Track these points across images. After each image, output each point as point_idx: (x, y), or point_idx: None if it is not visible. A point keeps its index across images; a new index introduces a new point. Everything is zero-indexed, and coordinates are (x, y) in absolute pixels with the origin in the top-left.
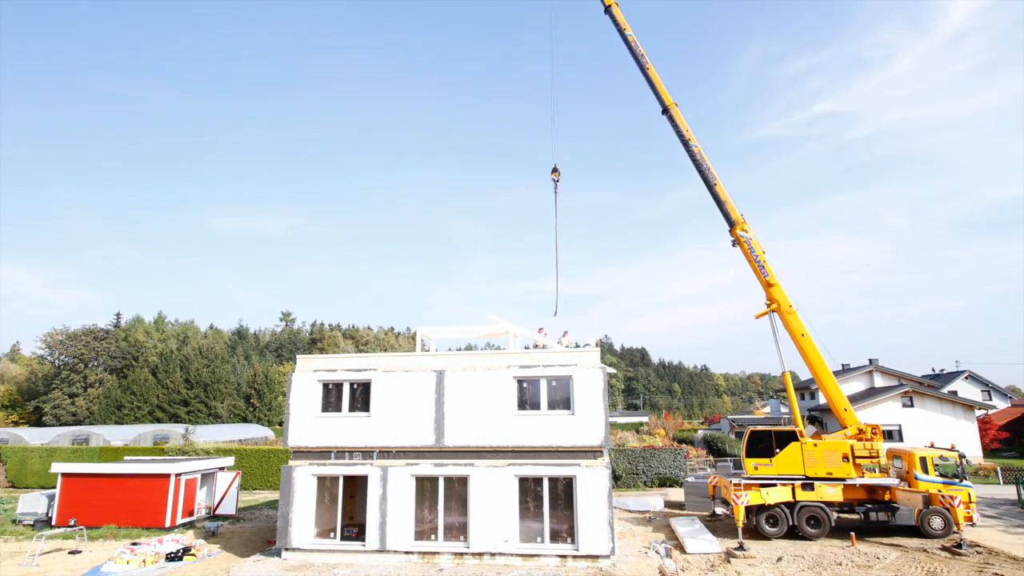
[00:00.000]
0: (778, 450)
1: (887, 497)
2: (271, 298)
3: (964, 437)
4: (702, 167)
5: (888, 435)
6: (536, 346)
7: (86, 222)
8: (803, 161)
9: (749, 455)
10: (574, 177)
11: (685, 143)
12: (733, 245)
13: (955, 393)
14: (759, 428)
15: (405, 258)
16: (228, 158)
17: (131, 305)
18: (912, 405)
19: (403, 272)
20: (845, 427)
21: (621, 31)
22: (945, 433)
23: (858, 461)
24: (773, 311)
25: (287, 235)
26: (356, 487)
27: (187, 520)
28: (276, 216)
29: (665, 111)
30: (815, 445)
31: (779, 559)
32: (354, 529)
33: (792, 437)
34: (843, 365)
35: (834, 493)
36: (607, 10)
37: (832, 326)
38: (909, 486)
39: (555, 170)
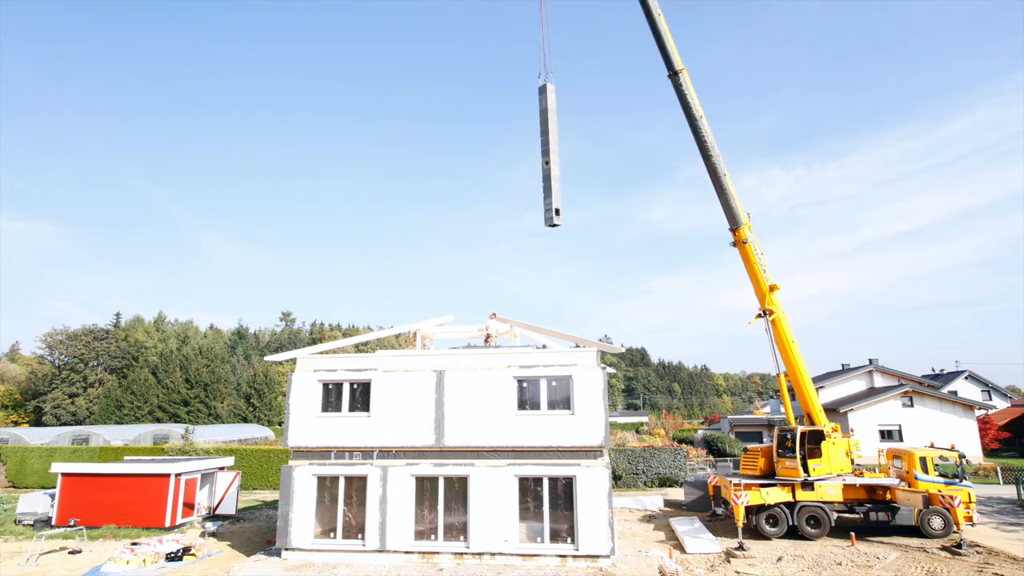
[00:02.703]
0: (816, 450)
1: (887, 497)
2: (271, 298)
3: (964, 437)
4: (711, 153)
5: (888, 435)
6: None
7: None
8: None
9: (791, 455)
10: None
11: (693, 120)
12: (733, 246)
13: (955, 393)
14: (803, 428)
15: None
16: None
17: (130, 301)
18: (912, 405)
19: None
20: (817, 427)
21: None
22: (945, 433)
23: (852, 457)
24: (772, 318)
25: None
26: (356, 487)
27: (187, 520)
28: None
29: (674, 75)
30: (833, 443)
31: (779, 559)
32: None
33: (822, 436)
34: (843, 365)
35: (834, 493)
36: None
37: (831, 325)
38: (909, 486)
39: None
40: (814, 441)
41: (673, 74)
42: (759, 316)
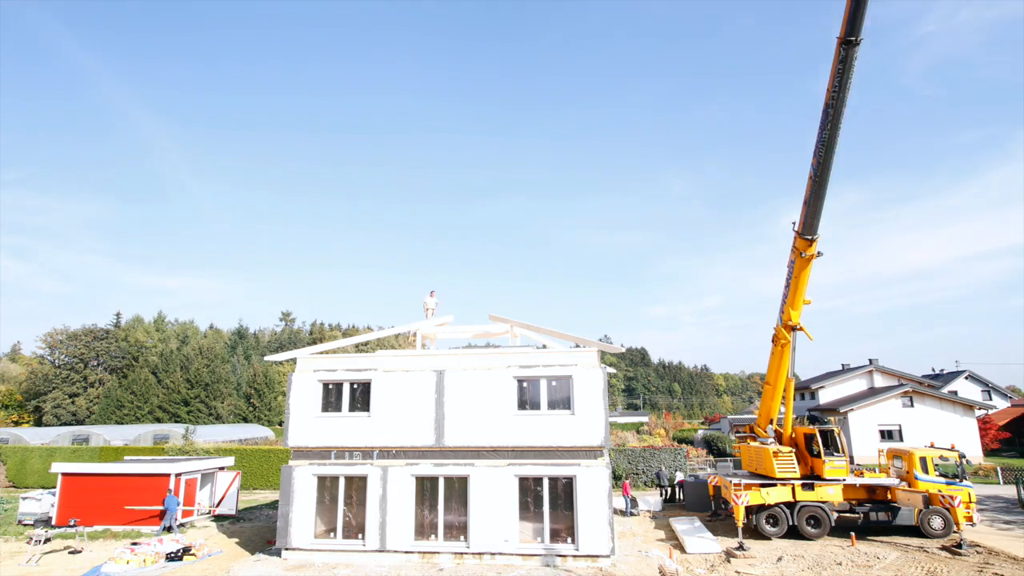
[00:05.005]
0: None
1: (887, 497)
2: (271, 298)
3: (964, 437)
4: (834, 144)
5: (888, 435)
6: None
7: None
8: None
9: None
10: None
11: (837, 96)
12: (803, 257)
13: (955, 393)
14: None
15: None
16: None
17: (130, 303)
18: (912, 405)
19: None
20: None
21: None
22: (945, 433)
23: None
24: (799, 330)
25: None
26: (356, 487)
27: (187, 520)
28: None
29: (849, 43)
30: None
31: (779, 559)
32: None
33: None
34: (843, 365)
35: (834, 493)
36: None
37: (832, 326)
38: (909, 486)
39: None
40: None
41: (852, 43)
42: (790, 331)
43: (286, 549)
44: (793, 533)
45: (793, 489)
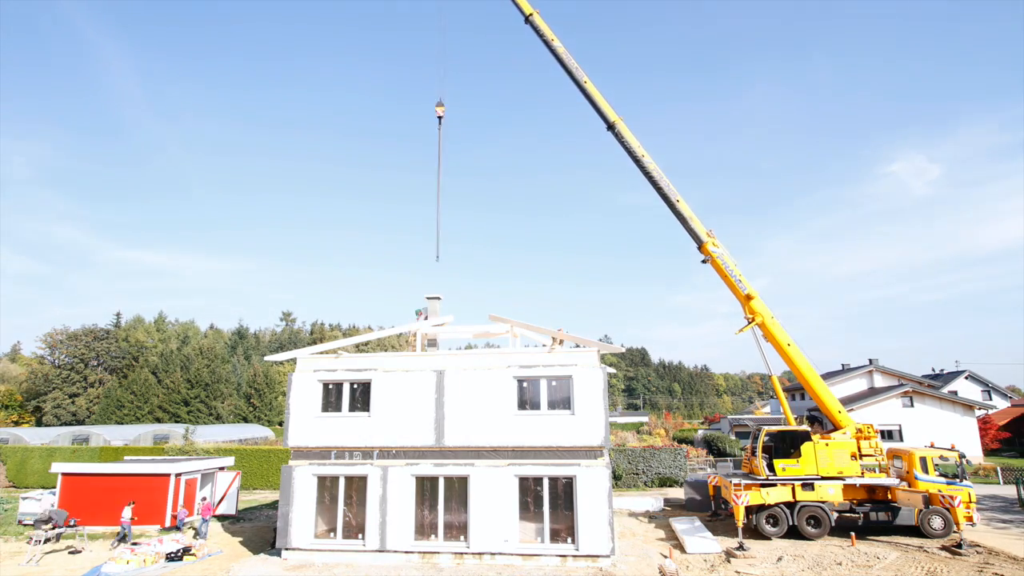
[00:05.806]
0: (793, 451)
1: (887, 497)
2: (271, 298)
3: (964, 437)
4: (659, 184)
5: (888, 435)
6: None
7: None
8: None
9: (774, 456)
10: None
11: (637, 160)
12: (703, 263)
13: (955, 393)
14: (774, 428)
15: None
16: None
17: (131, 303)
18: (912, 405)
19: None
20: (839, 428)
21: (547, 43)
22: (945, 433)
23: (864, 459)
24: (756, 324)
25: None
26: (356, 487)
27: (188, 520)
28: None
29: (611, 128)
30: (827, 445)
31: (779, 559)
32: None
33: (806, 437)
34: (843, 365)
35: (834, 493)
36: (527, 20)
37: (831, 326)
38: (909, 486)
39: (439, 104)
40: (794, 442)
41: (610, 127)
42: (747, 324)
43: (286, 549)
44: (793, 533)
45: (793, 489)
